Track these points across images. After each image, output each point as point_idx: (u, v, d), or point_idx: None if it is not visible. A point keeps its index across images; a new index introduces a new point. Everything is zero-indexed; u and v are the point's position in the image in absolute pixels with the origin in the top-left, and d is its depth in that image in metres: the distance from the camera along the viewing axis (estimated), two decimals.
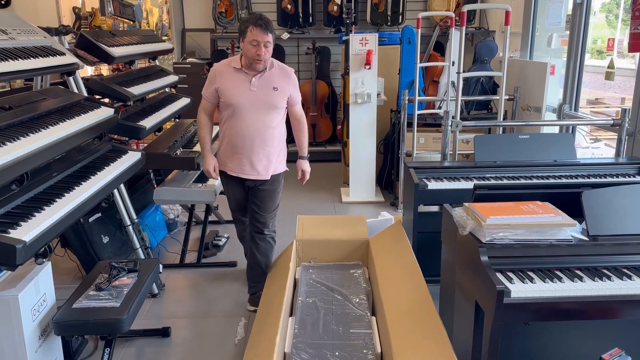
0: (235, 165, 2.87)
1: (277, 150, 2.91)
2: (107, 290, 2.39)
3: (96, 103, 2.77)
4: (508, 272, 1.84)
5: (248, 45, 2.64)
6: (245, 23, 2.64)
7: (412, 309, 2.30)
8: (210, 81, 2.81)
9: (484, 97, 4.75)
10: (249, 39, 2.63)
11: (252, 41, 2.62)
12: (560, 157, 3.13)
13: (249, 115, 2.77)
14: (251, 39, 2.62)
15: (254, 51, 2.65)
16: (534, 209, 1.91)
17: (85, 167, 2.52)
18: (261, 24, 2.61)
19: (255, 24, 2.61)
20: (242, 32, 2.66)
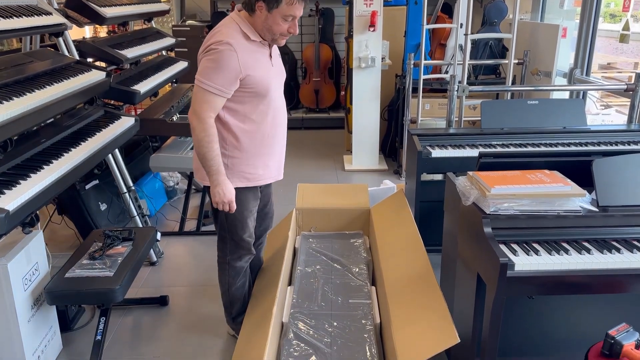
0: (265, 168, 2.21)
1: None
2: (100, 260, 2.34)
3: (87, 66, 2.67)
4: (512, 244, 1.76)
5: (278, 19, 1.93)
6: None
7: (412, 280, 2.24)
8: (228, 68, 1.92)
9: (493, 61, 4.58)
10: (283, 12, 1.91)
11: (286, 15, 1.93)
12: (570, 124, 3.01)
13: (277, 99, 2.15)
14: (287, 12, 1.92)
15: (285, 28, 1.96)
16: (542, 178, 1.82)
17: (76, 133, 2.44)
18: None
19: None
20: (273, 0, 1.91)
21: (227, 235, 2.27)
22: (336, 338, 2.15)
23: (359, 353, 2.05)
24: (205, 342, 2.48)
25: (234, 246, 2.29)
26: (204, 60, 1.95)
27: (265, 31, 1.99)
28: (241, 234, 2.25)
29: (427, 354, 1.71)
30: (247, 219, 2.24)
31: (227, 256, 2.32)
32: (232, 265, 2.34)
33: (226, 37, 1.92)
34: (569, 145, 2.88)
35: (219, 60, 1.90)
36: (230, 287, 2.37)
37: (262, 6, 1.92)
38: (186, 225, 3.68)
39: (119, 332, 2.61)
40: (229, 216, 2.20)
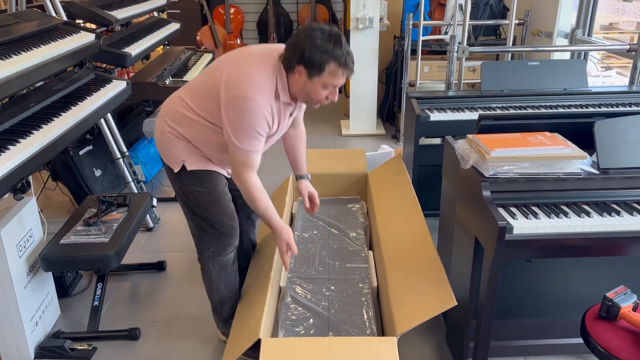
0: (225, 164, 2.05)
1: None
2: (96, 226, 2.32)
3: (76, 28, 2.58)
4: (511, 207, 1.74)
5: (318, 87, 1.74)
6: (325, 56, 1.68)
7: (409, 244, 2.23)
8: (261, 125, 1.75)
9: (493, 21, 4.48)
10: (324, 81, 1.72)
11: (327, 85, 1.74)
12: (571, 86, 2.96)
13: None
14: (329, 82, 1.73)
15: (323, 95, 1.77)
16: (542, 140, 1.78)
17: (66, 97, 2.38)
18: (351, 67, 1.74)
19: (343, 64, 1.70)
20: (316, 66, 1.69)
21: (203, 223, 2.01)
22: (333, 302, 2.16)
23: (356, 317, 2.06)
24: (203, 306, 2.49)
25: (215, 236, 2.02)
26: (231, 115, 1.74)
27: (301, 95, 1.80)
28: (220, 218, 2.00)
29: (423, 317, 1.71)
30: (222, 200, 2.00)
31: (210, 248, 2.04)
32: (216, 260, 2.06)
33: (256, 95, 1.71)
34: (570, 108, 2.84)
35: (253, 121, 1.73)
36: (218, 285, 2.10)
37: (302, 71, 1.71)
38: None
39: (116, 297, 2.61)
40: (201, 200, 1.96)
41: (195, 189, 1.95)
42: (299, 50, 1.68)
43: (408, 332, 1.80)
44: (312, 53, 1.67)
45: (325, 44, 1.67)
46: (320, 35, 1.68)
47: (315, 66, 1.69)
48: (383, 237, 2.39)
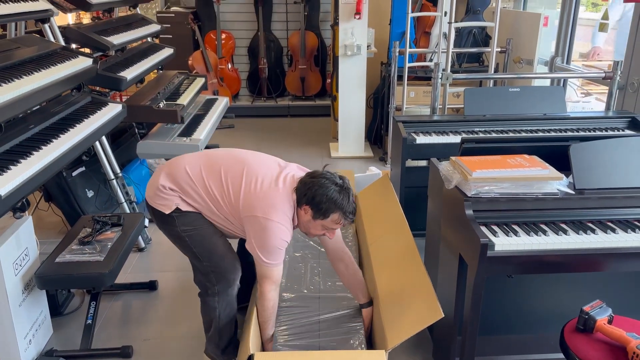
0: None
1: None
2: (91, 245, 2.37)
3: (73, 52, 2.66)
4: (493, 225, 1.83)
5: (319, 227, 1.95)
6: (332, 205, 1.87)
7: (398, 259, 2.31)
8: (284, 244, 1.94)
9: (476, 49, 4.65)
10: (326, 224, 1.93)
11: (327, 228, 1.95)
12: (551, 111, 3.10)
13: None
14: (330, 226, 1.94)
15: (321, 233, 1.99)
16: (521, 162, 1.89)
17: (64, 120, 2.44)
18: (352, 218, 1.95)
19: (347, 216, 1.91)
20: (321, 212, 1.89)
21: (207, 264, 2.06)
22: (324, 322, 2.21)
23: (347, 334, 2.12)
24: (194, 325, 2.53)
25: (219, 273, 2.06)
26: (259, 234, 1.90)
27: (302, 226, 2.00)
28: (217, 251, 2.05)
29: (413, 329, 1.78)
30: (214, 235, 2.06)
31: (216, 286, 2.07)
32: (223, 295, 2.09)
33: (285, 222, 1.91)
34: (549, 132, 2.96)
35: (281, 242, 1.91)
36: (221, 317, 2.12)
37: (308, 210, 1.91)
38: None
39: (108, 316, 2.64)
40: (196, 244, 2.04)
41: (188, 229, 2.02)
42: (311, 195, 1.88)
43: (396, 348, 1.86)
44: (321, 200, 1.87)
45: (336, 196, 1.87)
46: (333, 188, 1.88)
47: (321, 212, 1.88)
48: (373, 254, 2.46)
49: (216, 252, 2.04)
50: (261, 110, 6.40)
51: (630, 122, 2.98)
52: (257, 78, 6.46)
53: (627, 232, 1.77)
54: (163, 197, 2.02)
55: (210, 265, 2.05)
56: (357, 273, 2.21)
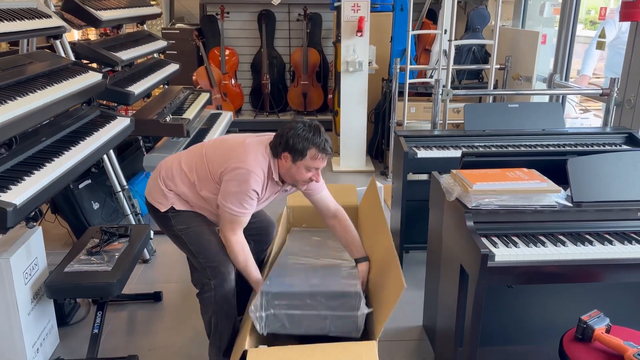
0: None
1: None
2: (98, 255, 2.41)
3: (84, 68, 2.74)
4: (493, 236, 1.88)
5: (302, 169, 2.04)
6: (306, 143, 1.99)
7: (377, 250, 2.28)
8: (252, 193, 2.02)
9: (475, 66, 4.74)
10: (307, 164, 2.02)
11: (309, 167, 2.04)
12: (549, 127, 3.16)
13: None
14: (311, 165, 2.03)
15: (307, 176, 2.06)
16: (520, 175, 1.94)
17: (74, 133, 2.51)
18: (329, 152, 2.04)
19: (322, 149, 2.02)
20: (298, 152, 1.99)
21: (202, 260, 2.14)
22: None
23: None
24: (199, 335, 2.56)
25: (214, 268, 2.12)
26: (230, 184, 2.02)
27: (287, 177, 2.09)
28: (210, 247, 2.13)
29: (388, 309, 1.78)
30: (207, 232, 2.16)
31: (212, 280, 2.12)
32: (219, 289, 2.13)
33: (253, 167, 2.02)
34: (548, 147, 3.02)
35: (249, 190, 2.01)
36: (219, 314, 2.15)
37: (287, 156, 2.03)
38: None
39: (114, 326, 2.68)
40: (192, 241, 2.15)
41: (183, 227, 2.16)
42: (285, 139, 2.01)
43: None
44: (295, 141, 1.99)
45: (306, 133, 2.00)
46: (302, 126, 2.02)
47: (298, 152, 2.00)
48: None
49: (210, 248, 2.14)
50: (264, 125, 6.48)
51: (627, 138, 3.04)
52: (259, 93, 6.56)
53: (623, 243, 1.82)
54: (160, 193, 2.15)
55: (206, 260, 2.13)
56: (349, 228, 2.30)
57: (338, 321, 1.93)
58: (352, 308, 1.92)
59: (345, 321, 1.93)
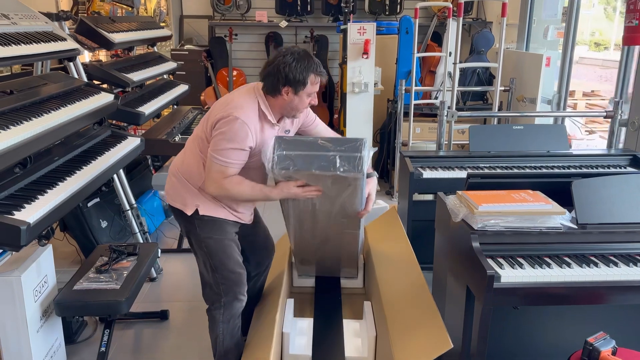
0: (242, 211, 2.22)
1: None
2: (107, 273, 2.44)
3: (96, 88, 2.80)
4: (499, 258, 1.90)
5: (304, 98, 2.04)
6: (305, 71, 1.98)
7: (407, 292, 2.35)
8: (244, 141, 1.97)
9: (480, 87, 4.79)
10: (309, 91, 2.02)
11: (311, 93, 2.04)
12: (553, 148, 3.18)
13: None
14: (311, 90, 2.03)
15: (307, 102, 2.07)
16: (525, 197, 1.97)
17: (86, 152, 2.56)
18: (324, 72, 2.06)
19: (318, 72, 2.02)
20: (299, 82, 1.98)
21: (216, 273, 2.14)
22: None
23: None
24: (205, 354, 2.57)
25: (226, 286, 2.14)
26: (218, 134, 1.97)
27: (289, 110, 2.07)
28: (229, 266, 2.14)
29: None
30: (229, 247, 2.15)
31: (223, 298, 2.15)
32: (228, 308, 2.16)
33: (241, 113, 1.96)
34: (553, 168, 3.04)
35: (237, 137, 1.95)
36: (225, 333, 2.19)
37: (288, 90, 2.00)
38: (184, 242, 3.78)
39: (121, 344, 2.69)
40: (212, 247, 2.12)
41: (207, 236, 2.12)
42: (283, 75, 1.97)
43: None
44: (294, 74, 1.97)
45: (300, 62, 1.98)
46: (293, 57, 1.99)
47: (300, 82, 1.98)
48: (382, 287, 2.51)
49: (228, 266, 2.13)
50: None
51: (632, 160, 3.06)
52: None
53: (629, 265, 1.83)
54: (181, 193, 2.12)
55: (221, 277, 2.13)
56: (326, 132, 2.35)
57: (344, 160, 1.98)
58: (357, 150, 1.99)
59: (350, 161, 1.98)
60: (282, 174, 1.99)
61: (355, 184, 2.02)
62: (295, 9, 6.27)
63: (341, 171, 1.96)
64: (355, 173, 1.96)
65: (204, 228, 2.12)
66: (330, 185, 2.03)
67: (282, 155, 1.98)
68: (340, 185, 2.03)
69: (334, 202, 2.12)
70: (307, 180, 2.03)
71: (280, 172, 1.98)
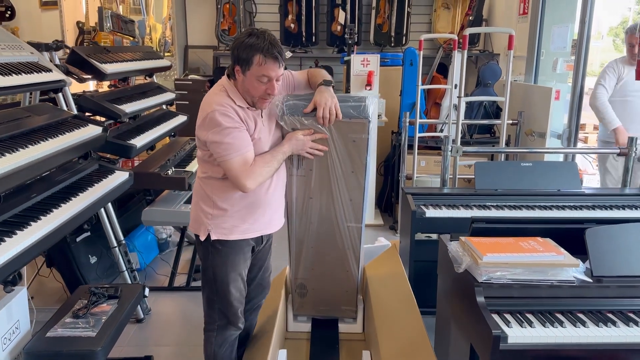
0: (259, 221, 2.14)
1: None
2: (84, 318, 2.27)
3: (84, 121, 2.69)
4: (505, 313, 1.72)
5: (253, 81, 1.90)
6: (249, 50, 1.86)
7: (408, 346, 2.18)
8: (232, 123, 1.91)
9: (486, 121, 4.65)
10: (255, 73, 1.88)
11: (260, 76, 1.88)
12: (564, 187, 3.02)
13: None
14: (259, 73, 1.87)
15: (262, 89, 1.91)
16: (535, 246, 1.79)
17: (68, 188, 2.43)
18: (275, 55, 1.87)
19: (266, 53, 1.85)
20: (244, 61, 1.87)
21: (215, 297, 2.18)
22: None
23: None
24: None
25: (221, 313, 2.19)
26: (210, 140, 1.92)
27: (245, 94, 1.97)
28: (229, 296, 2.15)
29: None
30: (234, 281, 2.15)
31: (216, 322, 2.21)
32: (221, 332, 2.22)
33: (213, 106, 1.92)
34: (564, 209, 2.87)
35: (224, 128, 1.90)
36: (216, 356, 2.22)
37: (238, 69, 1.93)
38: (176, 280, 3.61)
39: None
40: (217, 276, 2.13)
41: (216, 264, 2.13)
42: (235, 54, 1.91)
43: None
44: (240, 50, 1.88)
45: (250, 40, 1.88)
46: (247, 34, 1.91)
47: (245, 61, 1.88)
48: (381, 337, 2.34)
49: (228, 298, 2.16)
50: None
51: None
52: None
53: None
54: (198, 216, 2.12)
55: (221, 305, 2.17)
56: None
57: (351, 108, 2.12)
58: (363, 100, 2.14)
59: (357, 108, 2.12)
60: (292, 121, 2.10)
61: (363, 130, 2.14)
62: (300, 40, 6.23)
63: (349, 116, 2.11)
64: (363, 119, 2.11)
65: (215, 255, 2.12)
66: (336, 132, 2.15)
67: (290, 104, 2.09)
68: (347, 132, 2.15)
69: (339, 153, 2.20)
70: (315, 129, 2.13)
71: (290, 119, 2.09)
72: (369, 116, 2.12)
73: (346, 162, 2.23)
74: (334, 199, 2.33)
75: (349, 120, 2.12)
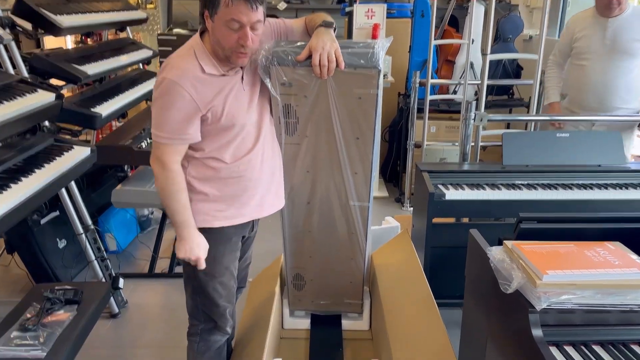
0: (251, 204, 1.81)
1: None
2: (34, 332, 1.86)
3: (32, 86, 2.21)
4: (566, 345, 1.32)
5: (222, 27, 1.53)
6: None
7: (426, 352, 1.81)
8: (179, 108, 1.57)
9: (512, 80, 4.14)
10: (224, 17, 1.51)
11: (229, 21, 1.51)
12: (606, 161, 2.59)
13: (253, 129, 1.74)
14: (228, 17, 1.50)
15: (234, 38, 1.53)
16: (607, 257, 1.36)
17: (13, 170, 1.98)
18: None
19: None
20: (211, 3, 1.51)
21: (197, 296, 1.89)
22: None
23: None
24: None
25: (205, 312, 1.91)
26: (153, 103, 1.62)
27: (218, 48, 1.59)
28: (214, 294, 1.86)
29: None
30: (221, 276, 1.85)
31: (201, 325, 1.93)
32: (204, 337, 1.94)
33: (174, 72, 1.57)
34: (607, 187, 2.46)
35: (167, 103, 1.57)
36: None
37: (207, 15, 1.56)
38: (158, 265, 3.19)
39: None
40: (199, 273, 1.81)
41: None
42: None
43: None
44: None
45: None
46: None
47: (210, 2, 1.52)
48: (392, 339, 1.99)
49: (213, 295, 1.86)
50: None
51: None
52: None
53: None
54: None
55: (203, 304, 1.89)
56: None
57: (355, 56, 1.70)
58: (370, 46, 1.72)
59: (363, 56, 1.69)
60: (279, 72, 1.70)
61: (371, 83, 1.72)
62: None
63: (354, 65, 1.68)
64: (371, 68, 1.69)
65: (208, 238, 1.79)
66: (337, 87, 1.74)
67: (278, 51, 1.68)
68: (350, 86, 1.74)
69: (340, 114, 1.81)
70: (309, 82, 1.72)
71: (277, 70, 1.69)
72: (378, 65, 1.69)
73: (349, 126, 1.83)
74: (334, 172, 1.95)
75: (354, 70, 1.70)
